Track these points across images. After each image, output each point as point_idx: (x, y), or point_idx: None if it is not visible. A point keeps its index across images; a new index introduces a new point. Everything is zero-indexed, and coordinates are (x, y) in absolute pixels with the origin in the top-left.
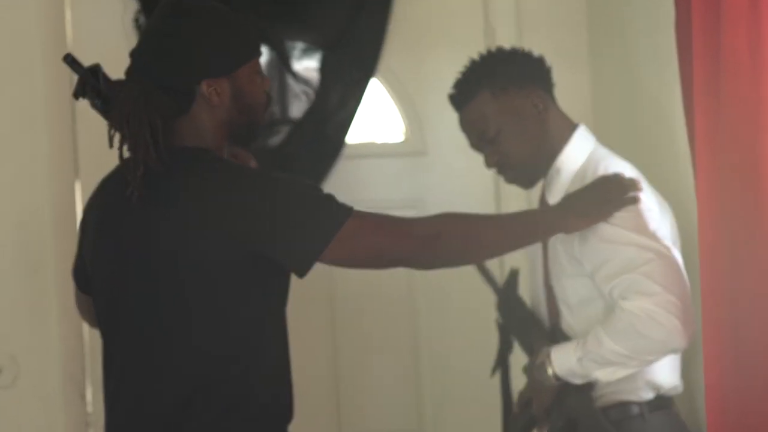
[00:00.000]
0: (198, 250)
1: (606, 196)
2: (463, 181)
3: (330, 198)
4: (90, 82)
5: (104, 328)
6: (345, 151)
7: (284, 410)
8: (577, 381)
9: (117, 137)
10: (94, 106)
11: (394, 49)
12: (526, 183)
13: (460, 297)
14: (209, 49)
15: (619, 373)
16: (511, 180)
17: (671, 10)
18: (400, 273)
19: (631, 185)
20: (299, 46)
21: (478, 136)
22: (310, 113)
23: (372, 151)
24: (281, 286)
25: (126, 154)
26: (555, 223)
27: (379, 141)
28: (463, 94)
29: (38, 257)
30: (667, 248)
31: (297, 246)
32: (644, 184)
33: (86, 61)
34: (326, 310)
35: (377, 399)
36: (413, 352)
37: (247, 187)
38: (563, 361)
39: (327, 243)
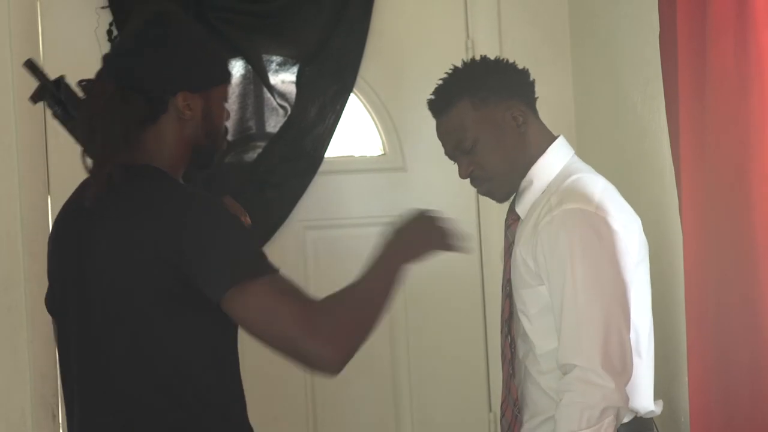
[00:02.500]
0: (131, 270)
1: (425, 235)
2: (442, 196)
3: (261, 253)
4: (49, 88)
5: (59, 350)
6: (323, 166)
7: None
8: None
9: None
10: (54, 114)
11: (372, 63)
12: (500, 196)
13: (441, 314)
14: (192, 62)
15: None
16: (484, 192)
17: (656, 21)
18: None
19: (444, 231)
20: (276, 59)
21: (454, 146)
22: (287, 127)
23: (350, 166)
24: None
25: (87, 162)
26: (398, 262)
27: (357, 155)
28: (442, 101)
29: (9, 275)
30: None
31: (213, 272)
32: (614, 198)
33: (59, 73)
34: None
35: (355, 418)
36: (392, 370)
37: (192, 208)
38: None
39: (239, 282)
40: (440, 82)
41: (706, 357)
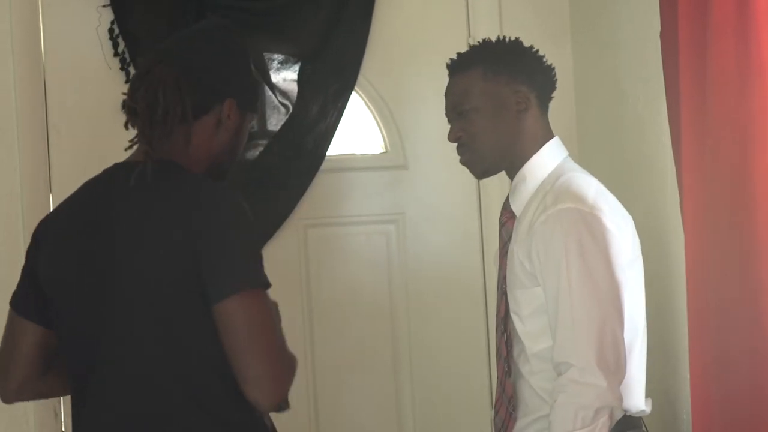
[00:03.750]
0: (162, 262)
1: None
2: (444, 194)
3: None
4: None
5: (66, 348)
6: (324, 164)
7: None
8: None
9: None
10: None
11: (373, 61)
12: (477, 171)
13: (443, 312)
14: (247, 76)
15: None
16: (464, 161)
17: (657, 20)
18: (381, 290)
19: None
20: (278, 57)
21: (453, 107)
22: (288, 125)
23: (352, 164)
24: None
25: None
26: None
27: (359, 153)
28: (458, 62)
29: (11, 275)
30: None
31: (224, 271)
32: (607, 197)
33: (60, 72)
34: (304, 328)
35: (357, 419)
36: (393, 371)
37: (221, 205)
38: None
39: (243, 289)
40: (468, 48)
41: (707, 355)
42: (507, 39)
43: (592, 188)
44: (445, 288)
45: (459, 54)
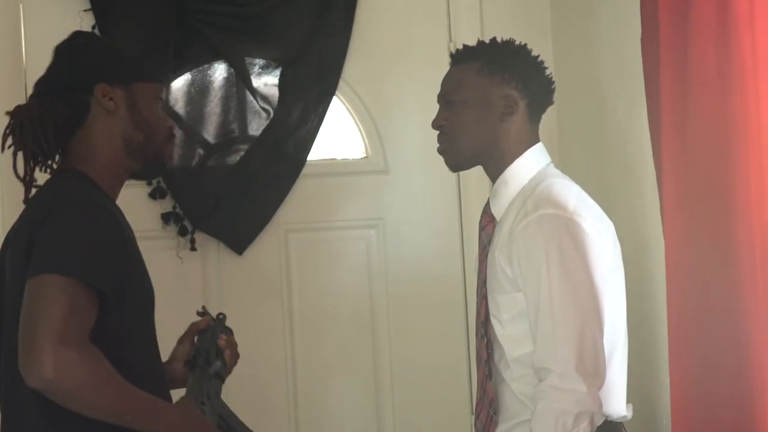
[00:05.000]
0: (20, 271)
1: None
2: (424, 199)
3: (92, 261)
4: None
5: None
6: (305, 169)
7: None
8: None
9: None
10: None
11: (355, 66)
12: (452, 163)
13: (423, 316)
14: (102, 56)
15: None
16: (441, 151)
17: (638, 24)
18: (362, 294)
19: None
20: (259, 62)
21: (444, 94)
22: (269, 130)
23: (333, 169)
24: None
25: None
26: (173, 425)
27: (340, 158)
28: (461, 54)
29: None
30: None
31: (39, 253)
32: (589, 204)
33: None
34: (285, 332)
35: (337, 422)
36: (374, 375)
37: (59, 209)
38: None
39: (45, 271)
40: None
41: (687, 360)
42: (514, 42)
43: (573, 194)
44: (425, 292)
45: (465, 45)
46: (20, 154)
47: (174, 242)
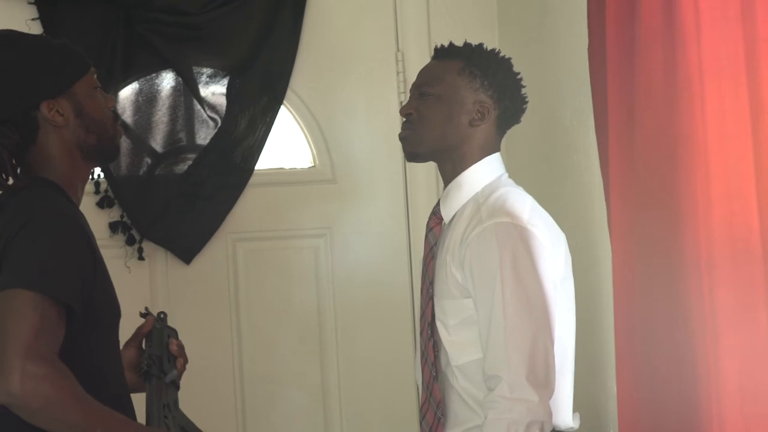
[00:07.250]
0: None
1: None
2: (372, 208)
3: (59, 275)
4: None
5: None
6: (253, 178)
7: None
8: None
9: None
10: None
11: (302, 75)
12: (409, 153)
13: (370, 329)
14: (36, 73)
15: None
16: (403, 137)
17: (585, 33)
18: (310, 303)
19: None
20: (206, 71)
21: (419, 85)
22: (217, 139)
23: (280, 179)
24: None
25: None
26: None
27: (287, 168)
28: (446, 50)
29: None
30: None
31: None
32: (542, 214)
33: None
34: (233, 341)
35: (285, 427)
36: (321, 384)
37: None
38: None
39: (14, 286)
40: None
41: (634, 369)
42: (500, 53)
43: (527, 204)
44: (373, 301)
45: (451, 42)
46: None
47: (122, 251)
